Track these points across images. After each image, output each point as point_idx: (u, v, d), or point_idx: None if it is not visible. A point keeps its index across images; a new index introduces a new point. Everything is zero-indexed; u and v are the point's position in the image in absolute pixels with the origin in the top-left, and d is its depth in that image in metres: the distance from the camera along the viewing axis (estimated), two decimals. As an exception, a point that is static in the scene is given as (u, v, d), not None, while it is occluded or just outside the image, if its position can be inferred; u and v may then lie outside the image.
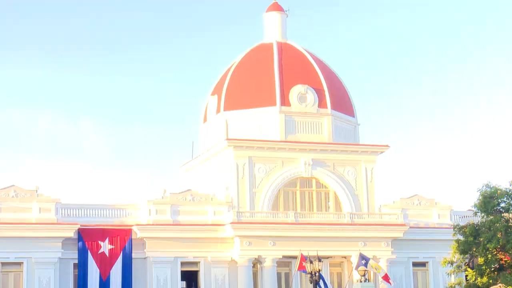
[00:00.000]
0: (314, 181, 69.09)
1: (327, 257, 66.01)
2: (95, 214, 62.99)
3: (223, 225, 64.48)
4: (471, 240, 56.06)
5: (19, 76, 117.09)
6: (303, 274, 61.91)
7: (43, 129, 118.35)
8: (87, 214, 62.74)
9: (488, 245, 54.79)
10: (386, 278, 60.77)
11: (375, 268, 58.38)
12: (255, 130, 68.63)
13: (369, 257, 62.12)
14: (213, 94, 72.94)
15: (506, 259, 56.32)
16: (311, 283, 50.24)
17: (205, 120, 74.05)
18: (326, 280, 60.56)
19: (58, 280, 60.64)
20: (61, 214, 61.64)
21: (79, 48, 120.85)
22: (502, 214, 56.68)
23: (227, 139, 67.48)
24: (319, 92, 70.25)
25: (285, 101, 69.23)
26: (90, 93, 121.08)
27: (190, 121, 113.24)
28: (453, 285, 57.48)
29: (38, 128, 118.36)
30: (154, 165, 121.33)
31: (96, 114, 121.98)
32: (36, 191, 61.71)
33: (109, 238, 61.85)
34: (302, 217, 66.11)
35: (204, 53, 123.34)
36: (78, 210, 62.73)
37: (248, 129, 68.69)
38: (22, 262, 60.34)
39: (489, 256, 55.58)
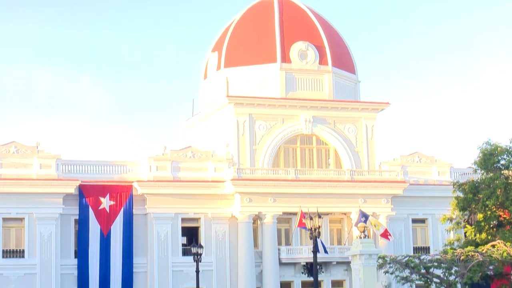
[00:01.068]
0: (314, 138, 69.14)
1: (327, 214, 66.31)
2: (96, 171, 63.16)
3: (223, 181, 64.67)
4: (471, 197, 56.33)
5: (19, 33, 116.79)
6: (303, 230, 62.20)
7: (44, 86, 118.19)
8: (87, 171, 62.91)
9: (487, 202, 55.07)
10: (385, 234, 61.07)
11: (374, 225, 58.66)
12: (255, 87, 68.54)
13: (368, 213, 62.44)
14: (213, 51, 72.72)
15: (505, 215, 56.62)
16: (311, 239, 50.31)
17: (205, 77, 73.91)
18: (323, 243, 60.93)
19: (60, 236, 60.95)
20: (62, 170, 61.80)
21: (79, 5, 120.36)
22: (502, 171, 56.91)
23: (228, 96, 67.42)
24: (320, 49, 70.03)
25: (285, 58, 69.03)
26: (91, 50, 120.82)
27: (191, 78, 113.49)
28: (452, 242, 57.80)
29: (38, 85, 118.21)
30: (154, 122, 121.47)
31: (96, 71, 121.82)
32: (37, 147, 61.82)
33: (109, 194, 62.06)
34: (302, 174, 66.29)
35: (205, 9, 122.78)
36: (79, 166, 62.90)
37: (248, 86, 68.61)
38: (24, 218, 60.64)
39: (488, 212, 55.90)
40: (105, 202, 61.92)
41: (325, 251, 60.03)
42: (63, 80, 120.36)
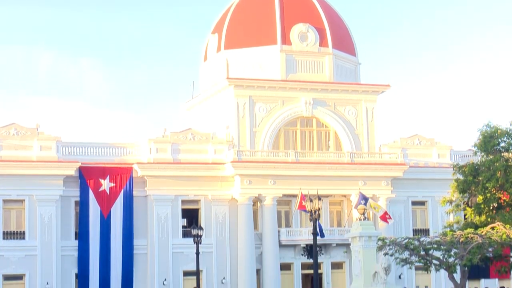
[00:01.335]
0: (314, 120, 69.14)
1: (327, 196, 66.38)
2: (96, 153, 63.21)
3: (223, 163, 64.73)
4: (471, 179, 56.34)
5: (20, 14, 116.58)
6: (303, 212, 62.30)
7: (44, 68, 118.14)
8: (87, 153, 62.97)
9: (487, 184, 55.09)
10: (384, 217, 61.18)
11: (373, 207, 58.78)
12: (255, 69, 68.46)
13: (368, 196, 62.52)
14: (213, 32, 72.59)
15: (504, 198, 56.66)
16: (310, 221, 50.39)
17: (205, 59, 73.80)
18: (321, 225, 61.05)
19: (60, 217, 61.10)
20: (62, 152, 61.85)
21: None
22: (502, 154, 56.88)
23: (228, 78, 67.35)
24: (320, 31, 69.90)
25: (286, 40, 68.90)
26: (91, 33, 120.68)
27: (191, 60, 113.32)
28: (452, 224, 57.89)
29: (38, 67, 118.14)
30: (154, 104, 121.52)
31: (97, 53, 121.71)
32: (37, 129, 61.84)
33: (109, 176, 62.13)
34: (302, 156, 66.34)
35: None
36: (79, 148, 62.96)
37: (248, 68, 68.53)
38: (24, 200, 60.76)
39: (488, 195, 55.92)
40: (105, 184, 62.01)
41: (322, 235, 59.98)
42: (63, 62, 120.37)
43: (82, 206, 61.73)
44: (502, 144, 57.45)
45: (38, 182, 60.12)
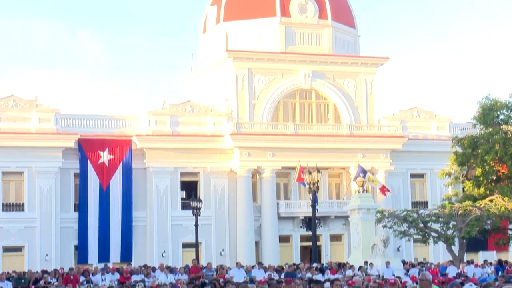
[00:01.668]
0: (313, 93, 69.04)
1: (326, 168, 66.41)
2: (95, 125, 63.13)
3: (222, 136, 64.70)
4: (469, 152, 56.42)
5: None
6: (302, 184, 62.31)
7: (42, 39, 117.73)
8: (86, 125, 62.89)
9: (486, 157, 55.18)
10: (382, 190, 61.23)
11: (371, 181, 58.73)
12: (255, 41, 68.22)
13: (367, 168, 62.52)
14: (212, 4, 72.27)
15: (503, 170, 56.79)
16: (309, 193, 50.53)
17: (204, 30, 73.53)
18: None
19: (59, 189, 61.15)
20: (61, 124, 61.81)
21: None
22: (501, 126, 56.95)
23: (227, 50, 67.14)
24: (320, 3, 69.60)
25: (285, 12, 68.63)
26: (90, 4, 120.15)
27: (190, 31, 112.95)
28: (450, 196, 58.04)
29: (37, 39, 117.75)
30: (154, 76, 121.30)
31: (95, 24, 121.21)
32: (36, 101, 61.75)
33: (109, 148, 62.12)
34: (302, 129, 66.32)
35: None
36: (78, 120, 62.89)
37: (248, 40, 68.28)
38: (23, 172, 60.79)
39: (487, 167, 56.02)
40: (104, 156, 62.01)
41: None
42: (61, 34, 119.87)
43: (81, 178, 61.78)
44: (501, 117, 57.50)
45: (37, 154, 60.10)
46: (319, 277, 35.37)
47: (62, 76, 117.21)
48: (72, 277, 38.72)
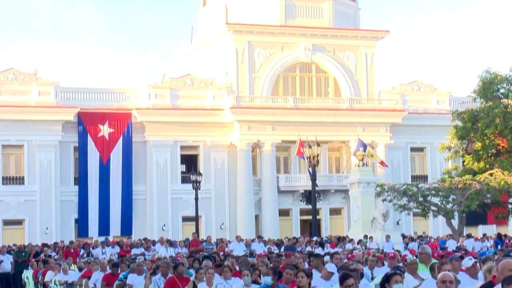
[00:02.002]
0: (313, 66, 68.88)
1: (326, 142, 66.39)
2: (95, 98, 63.03)
3: (222, 109, 64.62)
4: (469, 126, 56.40)
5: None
6: (302, 158, 62.31)
7: (42, 11, 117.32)
8: (86, 98, 62.79)
9: (486, 131, 55.17)
10: (382, 163, 61.24)
11: (370, 156, 58.60)
12: (255, 14, 67.95)
13: (367, 142, 62.49)
14: (212, -23, 71.93)
15: (503, 144, 56.80)
16: (309, 167, 50.54)
17: (204, 4, 73.23)
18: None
19: (59, 163, 61.17)
20: (61, 97, 61.72)
21: None
22: (501, 100, 56.90)
23: (227, 23, 66.88)
24: (320, -24, 69.24)
25: (285, -15, 68.26)
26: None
27: (191, 4, 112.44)
28: (450, 170, 58.04)
29: (37, 11, 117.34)
30: (154, 49, 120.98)
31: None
32: (35, 74, 61.63)
33: (108, 122, 62.06)
34: (301, 102, 66.23)
35: None
36: (78, 93, 62.78)
37: (248, 13, 68.00)
38: (23, 145, 60.79)
39: (487, 141, 56.03)
40: (104, 130, 61.97)
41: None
42: (62, 6, 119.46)
43: (81, 152, 61.78)
44: (502, 91, 57.44)
45: (37, 127, 60.05)
46: (318, 250, 35.43)
47: (62, 49, 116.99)
48: (72, 250, 38.83)
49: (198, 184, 55.22)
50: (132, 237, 54.96)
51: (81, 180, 61.74)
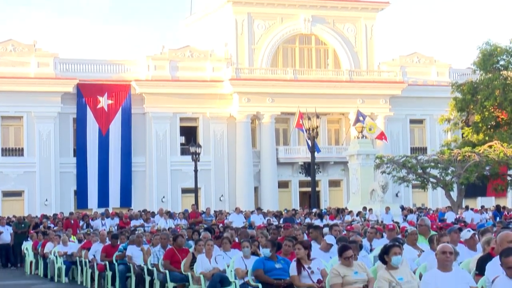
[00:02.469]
0: (313, 38, 68.67)
1: (325, 114, 66.33)
2: (94, 70, 62.93)
3: (221, 81, 64.51)
4: (469, 98, 56.36)
5: None
6: (301, 130, 62.28)
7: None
8: (85, 69, 62.68)
9: (485, 103, 55.15)
10: (380, 137, 61.07)
11: (369, 128, 58.37)
12: (254, -15, 67.54)
13: (367, 114, 62.43)
14: None
15: (502, 116, 56.80)
16: (308, 139, 50.57)
17: (203, -25, 72.82)
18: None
19: (58, 134, 61.16)
20: (60, 69, 61.59)
21: None
22: (501, 72, 56.82)
23: (226, -6, 66.57)
24: None
25: (285, -44, 67.86)
26: None
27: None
28: (449, 142, 58.05)
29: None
30: (153, 21, 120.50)
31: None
32: (34, 45, 61.47)
33: (108, 93, 61.97)
34: (301, 74, 66.12)
35: None
36: (77, 65, 62.64)
37: (247, -16, 67.59)
38: (22, 116, 60.76)
39: (486, 113, 56.03)
40: (103, 101, 61.89)
41: (318, 150, 59.53)
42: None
43: (80, 123, 61.73)
44: (501, 62, 57.36)
45: (36, 99, 59.95)
46: (317, 222, 35.51)
47: (61, 20, 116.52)
48: (72, 221, 38.91)
49: (197, 156, 55.21)
50: (133, 209, 55.07)
51: (80, 151, 61.73)
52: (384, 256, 13.22)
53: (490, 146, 49.90)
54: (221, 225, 34.68)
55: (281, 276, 16.04)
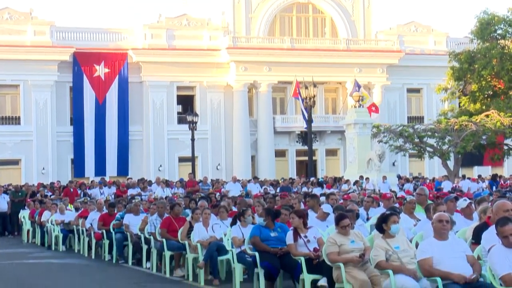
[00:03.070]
0: (310, 7, 68.40)
1: (322, 83, 66.26)
2: (91, 38, 62.70)
3: (219, 50, 64.35)
4: (466, 67, 56.23)
5: None
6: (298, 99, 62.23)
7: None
8: (82, 38, 62.45)
9: (482, 72, 55.00)
10: (370, 108, 60.83)
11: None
12: (251, -47, 67.22)
13: (364, 83, 62.39)
14: None
15: (499, 85, 56.72)
16: (305, 108, 50.56)
17: None
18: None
19: (55, 103, 61.08)
20: (56, 37, 61.38)
21: None
22: (498, 41, 56.63)
23: (223, -38, 66.26)
24: None
25: None
26: None
27: None
28: (446, 112, 58.05)
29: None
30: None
31: None
32: (31, 13, 61.21)
33: (104, 62, 61.82)
34: (298, 43, 65.94)
35: None
36: (73, 33, 62.42)
37: (244, -48, 67.27)
38: (19, 85, 60.65)
39: (483, 83, 55.93)
40: (100, 70, 61.76)
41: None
42: None
43: (77, 92, 61.63)
44: (499, 31, 57.15)
45: (33, 67, 59.80)
46: (317, 190, 35.58)
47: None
48: (72, 190, 38.96)
49: (194, 124, 55.15)
50: (132, 177, 55.10)
51: (77, 120, 61.69)
52: (382, 224, 13.27)
53: (487, 116, 49.91)
54: (218, 194, 34.74)
55: (276, 245, 16.07)
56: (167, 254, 20.03)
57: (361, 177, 43.96)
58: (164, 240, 20.14)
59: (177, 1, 76.57)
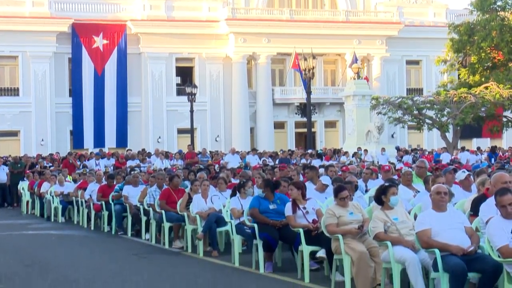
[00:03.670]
0: (310, -22, 68.12)
1: (321, 55, 66.13)
2: (89, 9, 62.43)
3: (217, 21, 64.14)
4: (466, 39, 56.08)
5: None
6: (297, 71, 62.16)
7: None
8: (81, 9, 62.18)
9: (482, 44, 54.88)
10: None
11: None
12: None
13: (363, 55, 62.34)
14: None
15: (499, 57, 56.62)
16: (304, 80, 50.53)
17: None
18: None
19: (54, 74, 60.97)
20: (55, 8, 61.14)
21: None
22: (498, 13, 56.44)
23: None
24: None
25: None
26: None
27: None
28: (446, 83, 58.00)
29: None
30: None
31: None
32: (29, -16, 60.98)
33: (103, 33, 61.63)
34: (297, 14, 65.71)
35: None
36: (72, 4, 62.11)
37: None
38: (17, 56, 60.51)
39: (483, 54, 55.84)
40: (99, 41, 61.59)
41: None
42: None
43: (75, 63, 61.51)
44: (499, 3, 56.96)
45: (31, 38, 59.61)
46: (316, 162, 35.60)
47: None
48: (71, 161, 38.98)
49: (193, 96, 55.17)
50: (131, 149, 55.10)
51: (76, 91, 61.61)
52: (381, 196, 13.29)
53: (486, 87, 49.85)
54: (217, 165, 34.77)
55: (274, 218, 16.08)
56: (166, 225, 20.09)
57: (360, 148, 44.02)
58: (163, 211, 20.19)
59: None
